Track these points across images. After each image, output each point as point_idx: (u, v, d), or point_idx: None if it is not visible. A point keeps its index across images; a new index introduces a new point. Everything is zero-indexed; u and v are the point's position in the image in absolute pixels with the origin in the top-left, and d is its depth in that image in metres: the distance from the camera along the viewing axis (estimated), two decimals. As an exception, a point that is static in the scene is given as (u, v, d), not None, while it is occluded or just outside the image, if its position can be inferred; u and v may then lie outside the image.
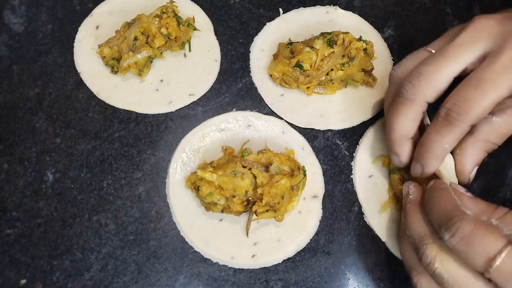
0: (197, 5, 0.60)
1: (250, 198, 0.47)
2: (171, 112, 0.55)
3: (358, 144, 0.54)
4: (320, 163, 0.53)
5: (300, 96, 0.56)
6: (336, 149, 0.54)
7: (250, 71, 0.57)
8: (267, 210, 0.47)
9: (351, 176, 0.53)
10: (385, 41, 0.60)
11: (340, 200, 0.52)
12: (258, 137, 0.53)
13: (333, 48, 0.53)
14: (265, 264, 0.49)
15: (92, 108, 0.54)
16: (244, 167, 0.47)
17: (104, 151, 0.53)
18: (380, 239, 0.50)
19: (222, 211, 0.48)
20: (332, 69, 0.53)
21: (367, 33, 0.59)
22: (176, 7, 0.56)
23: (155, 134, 0.54)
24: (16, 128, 0.53)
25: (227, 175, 0.46)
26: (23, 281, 0.47)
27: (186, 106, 0.55)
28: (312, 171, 0.52)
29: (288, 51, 0.54)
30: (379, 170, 0.53)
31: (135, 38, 0.53)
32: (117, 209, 0.50)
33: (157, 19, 0.54)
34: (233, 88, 0.56)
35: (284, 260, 0.49)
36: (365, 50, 0.54)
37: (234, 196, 0.46)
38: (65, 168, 0.52)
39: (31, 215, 0.50)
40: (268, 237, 0.49)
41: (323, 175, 0.52)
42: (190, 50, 0.57)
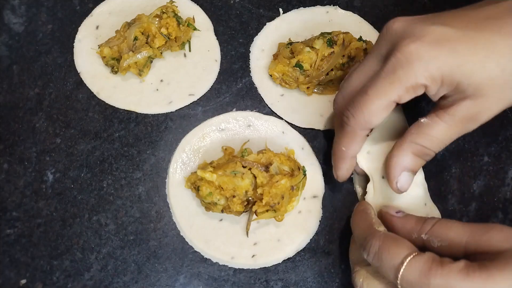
0: (197, 5, 0.60)
1: (250, 198, 0.47)
2: (171, 112, 0.55)
3: None
4: (320, 163, 0.53)
5: (300, 96, 0.56)
6: (336, 149, 0.54)
7: (250, 71, 0.57)
8: (267, 210, 0.47)
9: (351, 176, 0.53)
10: (385, 41, 0.60)
11: (340, 200, 0.52)
12: (258, 137, 0.53)
13: (333, 48, 0.53)
14: (265, 264, 0.49)
15: (92, 108, 0.54)
16: (244, 167, 0.47)
17: (104, 151, 0.53)
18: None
19: (222, 211, 0.48)
20: (332, 69, 0.53)
21: (367, 33, 0.59)
22: (176, 7, 0.56)
23: (155, 134, 0.54)
24: (16, 128, 0.53)
25: (227, 175, 0.46)
26: (23, 281, 0.47)
27: (186, 106, 0.55)
28: (312, 171, 0.52)
29: (288, 51, 0.54)
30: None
31: (135, 38, 0.53)
32: (117, 209, 0.50)
33: (157, 19, 0.54)
34: (233, 88, 0.56)
35: (284, 260, 0.49)
36: (365, 50, 0.54)
37: (234, 196, 0.46)
38: (65, 168, 0.52)
39: (31, 215, 0.50)
40: (268, 237, 0.49)
41: (323, 175, 0.52)
42: (190, 50, 0.57)
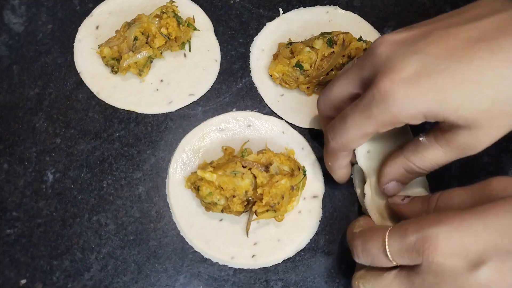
0: (197, 5, 0.60)
1: (250, 198, 0.47)
2: (171, 112, 0.55)
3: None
4: (320, 163, 0.53)
5: (300, 96, 0.56)
6: (336, 149, 0.54)
7: (250, 71, 0.57)
8: (267, 210, 0.47)
9: (351, 176, 0.53)
10: (385, 41, 0.60)
11: (340, 200, 0.52)
12: (258, 137, 0.53)
13: (333, 48, 0.53)
14: (265, 264, 0.49)
15: (92, 108, 0.54)
16: (244, 167, 0.47)
17: (104, 151, 0.53)
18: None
19: (222, 211, 0.48)
20: (332, 69, 0.53)
21: (367, 33, 0.59)
22: (176, 7, 0.56)
23: (155, 134, 0.54)
24: (16, 128, 0.53)
25: (227, 175, 0.46)
26: (23, 281, 0.47)
27: (186, 106, 0.55)
28: (312, 171, 0.52)
29: (288, 51, 0.54)
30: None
31: (135, 38, 0.53)
32: (117, 209, 0.50)
33: (157, 19, 0.54)
34: (233, 88, 0.56)
35: (284, 260, 0.49)
36: (365, 50, 0.54)
37: (234, 196, 0.46)
38: (65, 168, 0.52)
39: (31, 215, 0.50)
40: (268, 237, 0.49)
41: (323, 175, 0.52)
42: (190, 50, 0.57)
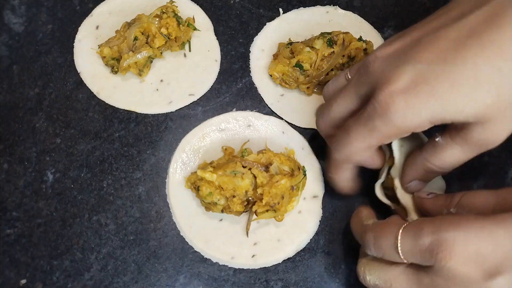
0: (197, 5, 0.60)
1: (250, 198, 0.47)
2: (171, 112, 0.55)
3: None
4: (320, 163, 0.53)
5: (300, 96, 0.56)
6: (336, 149, 0.54)
7: (250, 71, 0.57)
8: (267, 210, 0.47)
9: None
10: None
11: (340, 200, 0.52)
12: (258, 137, 0.53)
13: (333, 48, 0.53)
14: (265, 264, 0.49)
15: (92, 108, 0.54)
16: (244, 167, 0.47)
17: (104, 151, 0.53)
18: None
19: (222, 211, 0.48)
20: (332, 69, 0.53)
21: (367, 33, 0.59)
22: (176, 7, 0.56)
23: (155, 134, 0.54)
24: (16, 128, 0.53)
25: (227, 175, 0.46)
26: (23, 281, 0.47)
27: (186, 106, 0.55)
28: (312, 171, 0.52)
29: (288, 51, 0.54)
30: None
31: (135, 38, 0.53)
32: (117, 209, 0.50)
33: (157, 19, 0.54)
34: (233, 88, 0.56)
35: (284, 260, 0.49)
36: (365, 50, 0.54)
37: (234, 196, 0.46)
38: (65, 168, 0.52)
39: (31, 215, 0.50)
40: (268, 237, 0.49)
41: (323, 175, 0.52)
42: (190, 50, 0.57)
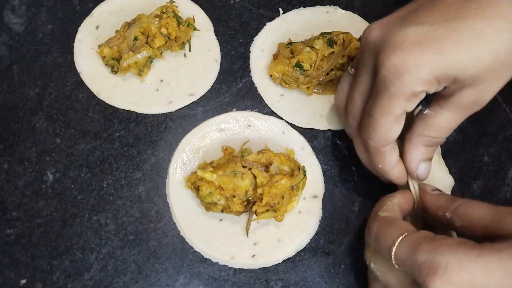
0: (197, 5, 0.60)
1: (250, 198, 0.47)
2: (171, 112, 0.55)
3: None
4: (320, 163, 0.53)
5: (300, 96, 0.56)
6: (336, 149, 0.54)
7: (250, 71, 0.57)
8: (267, 210, 0.47)
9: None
10: (385, 41, 0.60)
11: (340, 200, 0.52)
12: (258, 137, 0.53)
13: (333, 48, 0.53)
14: (265, 264, 0.49)
15: (92, 108, 0.54)
16: (244, 167, 0.47)
17: (104, 151, 0.53)
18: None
19: (222, 211, 0.48)
20: (332, 69, 0.53)
21: (367, 33, 0.59)
22: (176, 7, 0.56)
23: (155, 134, 0.54)
24: (16, 128, 0.53)
25: (227, 175, 0.46)
26: (23, 281, 0.47)
27: (186, 106, 0.55)
28: (312, 171, 0.52)
29: (288, 51, 0.54)
30: None
31: (135, 38, 0.53)
32: (117, 209, 0.50)
33: (157, 19, 0.54)
34: (233, 88, 0.56)
35: (284, 260, 0.49)
36: (365, 50, 0.54)
37: (234, 196, 0.46)
38: (65, 168, 0.52)
39: (31, 215, 0.50)
40: (268, 237, 0.49)
41: (323, 175, 0.52)
42: (190, 50, 0.57)
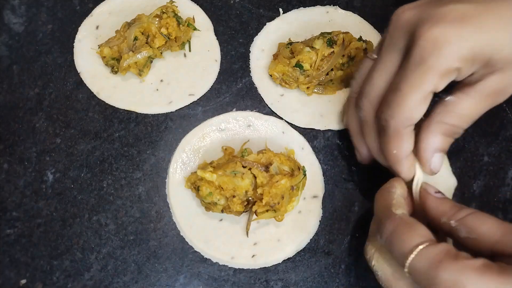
0: (197, 5, 0.60)
1: (250, 198, 0.47)
2: (171, 112, 0.55)
3: None
4: (320, 163, 0.53)
5: (300, 96, 0.56)
6: (336, 149, 0.54)
7: (250, 71, 0.57)
8: (267, 210, 0.47)
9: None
10: (385, 41, 0.60)
11: (340, 200, 0.52)
12: (258, 137, 0.53)
13: (333, 48, 0.53)
14: (265, 264, 0.49)
15: (92, 108, 0.54)
16: (244, 167, 0.47)
17: (104, 151, 0.53)
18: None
19: (222, 211, 0.48)
20: (332, 69, 0.53)
21: (367, 33, 0.59)
22: (176, 7, 0.56)
23: (155, 134, 0.54)
24: (16, 128, 0.53)
25: (227, 175, 0.46)
26: (23, 281, 0.47)
27: (186, 106, 0.55)
28: (312, 171, 0.52)
29: (288, 51, 0.54)
30: None
31: (135, 38, 0.53)
32: (117, 209, 0.50)
33: (157, 19, 0.54)
34: (233, 88, 0.56)
35: (284, 260, 0.49)
36: (365, 50, 0.54)
37: (234, 196, 0.46)
38: (65, 168, 0.52)
39: (31, 215, 0.50)
40: (268, 237, 0.49)
41: (323, 175, 0.52)
42: (190, 50, 0.57)
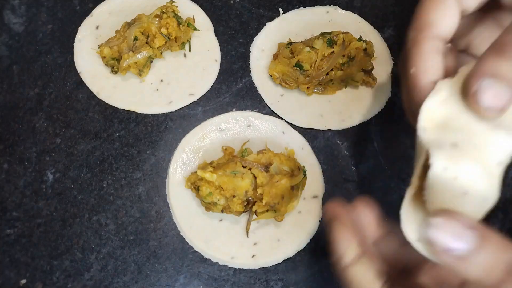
0: (197, 5, 0.60)
1: (250, 198, 0.47)
2: (171, 112, 0.55)
3: None
4: (320, 163, 0.53)
5: (300, 96, 0.56)
6: (336, 149, 0.54)
7: (250, 71, 0.57)
8: (267, 210, 0.47)
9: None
10: (385, 41, 0.59)
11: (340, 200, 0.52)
12: (258, 137, 0.53)
13: (333, 48, 0.53)
14: (265, 264, 0.49)
15: (92, 108, 0.54)
16: (244, 167, 0.47)
17: (104, 151, 0.53)
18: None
19: (222, 211, 0.48)
20: (332, 69, 0.53)
21: (367, 33, 0.59)
22: (176, 7, 0.56)
23: (155, 134, 0.54)
24: (16, 128, 0.53)
25: (227, 175, 0.46)
26: (23, 281, 0.47)
27: (186, 106, 0.55)
28: (312, 171, 0.52)
29: (288, 51, 0.54)
30: None
31: (135, 38, 0.53)
32: (117, 209, 0.50)
33: (157, 19, 0.54)
34: (233, 88, 0.56)
35: (284, 260, 0.49)
36: (365, 50, 0.54)
37: (234, 196, 0.46)
38: (65, 168, 0.52)
39: (31, 215, 0.50)
40: (268, 237, 0.49)
41: (323, 175, 0.52)
42: (190, 50, 0.57)
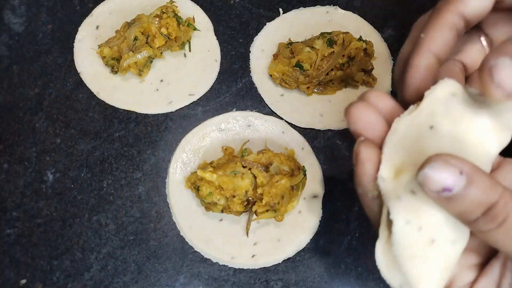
0: (197, 5, 0.60)
1: (250, 198, 0.47)
2: (171, 112, 0.55)
3: None
4: (320, 163, 0.53)
5: (300, 96, 0.56)
6: (336, 149, 0.54)
7: (250, 71, 0.57)
8: (267, 210, 0.47)
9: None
10: (385, 41, 0.59)
11: (340, 200, 0.52)
12: (258, 137, 0.53)
13: (333, 48, 0.53)
14: (265, 264, 0.49)
15: (92, 108, 0.54)
16: (244, 167, 0.47)
17: (104, 151, 0.53)
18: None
19: (222, 211, 0.48)
20: (332, 69, 0.53)
21: (367, 33, 0.59)
22: (176, 7, 0.56)
23: (155, 134, 0.54)
24: (16, 128, 0.53)
25: (227, 175, 0.46)
26: (23, 281, 0.47)
27: (186, 106, 0.55)
28: (312, 171, 0.52)
29: (288, 51, 0.54)
30: None
31: (135, 38, 0.53)
32: (117, 209, 0.50)
33: (157, 19, 0.54)
34: (233, 88, 0.56)
35: (284, 260, 0.49)
36: (365, 50, 0.54)
37: (234, 196, 0.46)
38: (65, 168, 0.52)
39: (31, 215, 0.50)
40: (268, 237, 0.49)
41: (323, 175, 0.52)
42: (190, 50, 0.57)
